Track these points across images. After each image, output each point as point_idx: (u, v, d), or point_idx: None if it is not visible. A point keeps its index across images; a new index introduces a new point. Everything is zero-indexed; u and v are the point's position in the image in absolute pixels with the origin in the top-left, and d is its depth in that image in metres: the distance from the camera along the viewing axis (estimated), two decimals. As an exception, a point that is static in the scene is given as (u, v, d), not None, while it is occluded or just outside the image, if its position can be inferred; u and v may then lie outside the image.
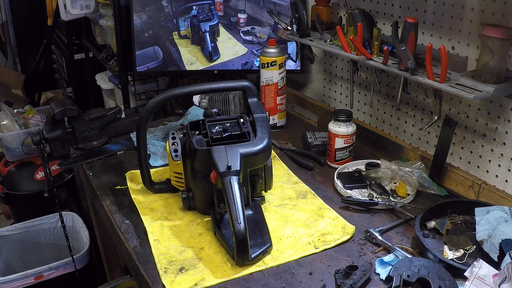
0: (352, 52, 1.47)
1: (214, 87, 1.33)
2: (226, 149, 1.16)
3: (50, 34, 3.11)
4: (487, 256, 1.07)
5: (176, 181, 1.33)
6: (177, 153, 1.28)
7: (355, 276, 1.03)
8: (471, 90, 1.17)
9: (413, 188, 1.36)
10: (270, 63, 1.71)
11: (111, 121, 1.74)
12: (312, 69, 1.95)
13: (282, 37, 1.83)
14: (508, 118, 1.26)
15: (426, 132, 1.51)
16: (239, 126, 1.27)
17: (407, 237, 1.21)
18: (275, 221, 1.26)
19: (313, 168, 1.53)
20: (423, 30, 1.40)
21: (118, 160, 1.62)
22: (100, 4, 2.22)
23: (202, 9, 1.91)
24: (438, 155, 1.38)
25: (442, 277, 1.01)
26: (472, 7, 1.26)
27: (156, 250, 1.17)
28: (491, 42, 1.16)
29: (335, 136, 1.50)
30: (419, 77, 1.27)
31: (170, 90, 1.30)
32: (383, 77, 1.59)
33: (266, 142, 1.20)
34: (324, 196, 1.37)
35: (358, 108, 1.75)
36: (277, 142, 1.69)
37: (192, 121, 1.33)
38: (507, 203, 1.24)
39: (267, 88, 1.75)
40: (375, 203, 1.31)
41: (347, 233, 1.21)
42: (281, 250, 1.16)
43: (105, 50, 2.35)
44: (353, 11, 1.45)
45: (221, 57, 1.94)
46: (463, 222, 1.23)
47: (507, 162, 1.28)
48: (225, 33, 1.92)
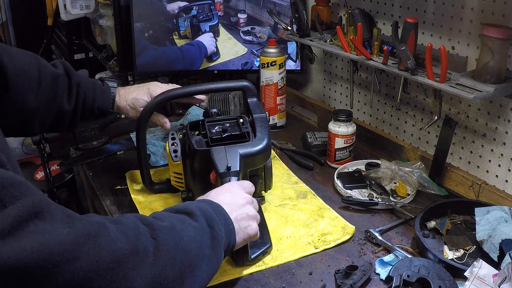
0: (352, 52, 1.47)
1: (214, 87, 1.33)
2: (226, 149, 1.16)
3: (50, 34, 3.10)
4: (487, 256, 1.07)
5: (176, 181, 1.33)
6: (176, 154, 1.28)
7: (355, 276, 1.03)
8: (471, 90, 1.17)
9: (413, 188, 1.36)
10: (270, 63, 1.71)
11: (111, 121, 1.74)
12: (312, 69, 1.95)
13: (282, 37, 1.83)
14: (508, 118, 1.25)
15: (426, 132, 1.51)
16: (239, 126, 1.27)
17: (407, 237, 1.21)
18: (275, 221, 1.26)
19: (313, 168, 1.53)
20: (423, 30, 1.40)
21: (118, 160, 1.62)
22: (100, 4, 2.22)
23: (202, 9, 1.91)
24: (438, 155, 1.38)
25: (442, 277, 1.01)
26: (472, 7, 1.26)
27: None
28: (491, 42, 1.16)
29: (335, 136, 1.50)
30: (419, 77, 1.27)
31: (170, 90, 1.30)
32: (383, 77, 1.59)
33: (265, 143, 1.20)
34: (324, 196, 1.37)
35: (358, 108, 1.75)
36: (277, 142, 1.69)
37: (191, 121, 1.33)
38: (507, 203, 1.24)
39: (267, 88, 1.75)
40: (375, 203, 1.31)
41: (347, 233, 1.21)
42: (281, 250, 1.16)
43: (105, 50, 2.35)
44: (353, 11, 1.45)
45: (221, 57, 1.94)
46: (463, 222, 1.23)
47: (507, 162, 1.28)
48: (225, 33, 1.92)
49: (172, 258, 0.78)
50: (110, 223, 0.75)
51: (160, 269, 0.75)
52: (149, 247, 0.75)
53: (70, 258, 0.65)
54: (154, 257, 0.75)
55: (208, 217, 0.91)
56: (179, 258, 0.79)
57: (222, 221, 0.94)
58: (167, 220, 0.84)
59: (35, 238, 0.63)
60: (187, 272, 0.80)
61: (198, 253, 0.84)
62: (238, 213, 0.99)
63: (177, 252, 0.79)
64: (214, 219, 0.91)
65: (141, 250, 0.73)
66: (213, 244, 0.88)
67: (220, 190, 1.05)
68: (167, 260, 0.77)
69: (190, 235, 0.84)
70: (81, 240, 0.67)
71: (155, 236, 0.78)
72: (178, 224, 0.85)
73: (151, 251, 0.75)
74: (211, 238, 0.88)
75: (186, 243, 0.82)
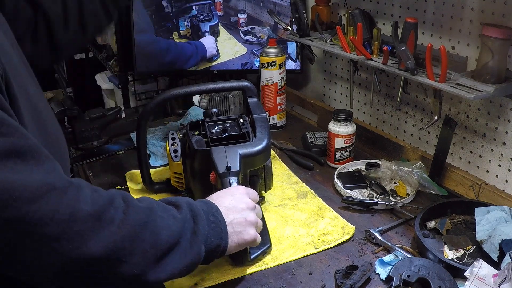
0: (352, 52, 1.47)
1: (214, 87, 1.33)
2: (226, 149, 1.16)
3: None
4: (487, 256, 1.07)
5: (176, 182, 1.33)
6: (176, 154, 1.28)
7: (355, 276, 1.03)
8: (471, 90, 1.17)
9: (413, 188, 1.36)
10: (270, 63, 1.71)
11: (111, 121, 1.74)
12: (312, 69, 1.95)
13: (282, 37, 1.83)
14: (508, 118, 1.25)
15: (426, 132, 1.51)
16: (239, 127, 1.27)
17: (407, 237, 1.21)
18: (275, 221, 1.26)
19: (313, 168, 1.53)
20: (423, 30, 1.40)
21: (118, 160, 1.62)
22: (100, 4, 2.22)
23: (202, 9, 1.91)
24: (438, 155, 1.38)
25: (442, 277, 1.01)
26: (472, 7, 1.26)
27: (156, 250, 1.17)
28: (491, 42, 1.16)
29: (335, 136, 1.50)
30: (419, 77, 1.27)
31: (170, 90, 1.30)
32: (383, 77, 1.59)
33: (265, 143, 1.20)
34: (324, 196, 1.37)
35: (358, 108, 1.75)
36: (277, 142, 1.69)
37: (191, 122, 1.33)
38: (507, 203, 1.24)
39: (267, 88, 1.75)
40: (375, 203, 1.31)
41: (347, 233, 1.21)
42: (281, 250, 1.16)
43: (105, 50, 2.35)
44: (353, 11, 1.45)
45: (221, 57, 1.94)
46: (463, 222, 1.23)
47: (507, 162, 1.28)
48: (225, 33, 1.92)
49: (135, 235, 0.80)
50: (89, 189, 0.79)
51: (120, 241, 0.78)
52: (116, 218, 0.79)
53: (28, 200, 0.70)
54: (117, 228, 0.78)
55: (194, 213, 0.92)
56: (143, 238, 0.81)
57: (213, 221, 0.94)
58: (147, 204, 0.87)
59: (5, 173, 0.69)
60: (150, 254, 0.82)
61: (170, 241, 0.85)
62: (235, 217, 0.99)
63: (144, 232, 0.81)
64: (200, 216, 0.92)
65: (107, 218, 0.77)
66: (192, 239, 0.89)
67: (222, 192, 1.05)
68: (129, 235, 0.79)
69: (167, 223, 0.86)
70: (44, 189, 0.72)
71: (126, 211, 0.81)
72: (159, 210, 0.87)
73: (116, 222, 0.78)
74: (191, 233, 0.89)
75: (159, 227, 0.84)
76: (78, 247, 0.73)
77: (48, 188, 0.72)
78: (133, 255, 0.79)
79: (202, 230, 0.91)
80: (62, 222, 0.72)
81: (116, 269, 0.78)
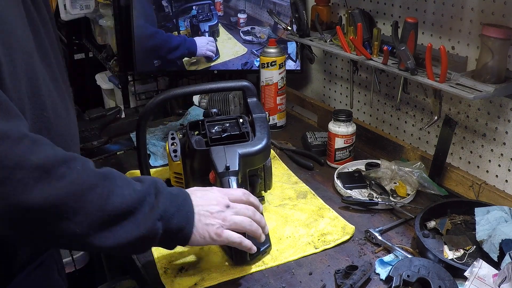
0: (352, 52, 1.47)
1: (214, 87, 1.33)
2: (225, 149, 1.16)
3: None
4: (487, 256, 1.07)
5: (176, 181, 1.33)
6: (176, 154, 1.28)
7: (355, 276, 1.03)
8: (471, 90, 1.17)
9: (413, 188, 1.36)
10: (270, 63, 1.71)
11: (111, 121, 1.74)
12: (312, 69, 1.95)
13: (282, 37, 1.83)
14: (508, 118, 1.25)
15: (426, 132, 1.51)
16: (238, 126, 1.27)
17: (407, 237, 1.21)
18: (275, 221, 1.26)
19: (313, 168, 1.53)
20: (423, 30, 1.40)
21: (118, 160, 1.62)
22: (100, 4, 2.22)
23: (202, 9, 1.91)
24: (438, 155, 1.38)
25: (442, 277, 1.01)
26: (472, 7, 1.26)
27: (156, 250, 1.17)
28: (491, 42, 1.16)
29: (335, 136, 1.50)
30: (419, 77, 1.27)
31: (170, 90, 1.30)
32: (383, 77, 1.59)
33: (265, 142, 1.20)
34: (324, 196, 1.37)
35: (358, 108, 1.75)
36: (277, 142, 1.69)
37: (191, 121, 1.33)
38: (507, 203, 1.24)
39: (267, 88, 1.75)
40: (375, 203, 1.31)
41: (347, 233, 1.21)
42: (281, 250, 1.16)
43: (105, 50, 2.35)
44: (353, 11, 1.45)
45: (221, 57, 1.94)
46: (463, 222, 1.23)
47: (507, 162, 1.28)
48: (225, 33, 1.92)
49: (81, 194, 0.81)
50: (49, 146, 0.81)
51: (63, 197, 0.79)
52: (67, 177, 0.80)
53: None
54: (64, 185, 0.79)
55: (157, 190, 0.91)
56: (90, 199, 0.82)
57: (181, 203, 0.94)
58: (105, 171, 0.88)
59: None
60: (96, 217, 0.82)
61: (121, 208, 0.85)
62: (203, 208, 0.98)
63: (91, 194, 0.82)
64: (163, 194, 0.91)
65: (57, 174, 0.79)
66: (149, 213, 0.88)
67: (200, 187, 1.04)
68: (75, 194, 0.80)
69: (122, 192, 0.86)
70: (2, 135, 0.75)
71: (80, 173, 0.82)
72: (118, 179, 0.87)
73: (65, 180, 0.79)
74: (150, 207, 0.88)
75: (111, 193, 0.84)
76: (19, 194, 0.75)
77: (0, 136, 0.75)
78: (76, 214, 0.80)
79: (162, 206, 0.90)
80: (7, 168, 0.74)
81: (58, 224, 0.79)
